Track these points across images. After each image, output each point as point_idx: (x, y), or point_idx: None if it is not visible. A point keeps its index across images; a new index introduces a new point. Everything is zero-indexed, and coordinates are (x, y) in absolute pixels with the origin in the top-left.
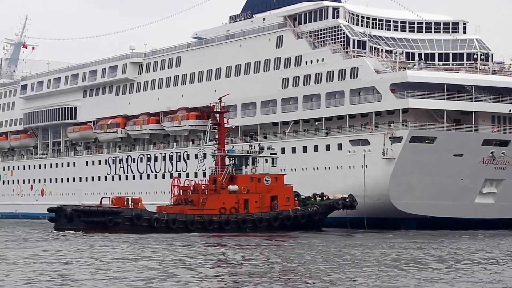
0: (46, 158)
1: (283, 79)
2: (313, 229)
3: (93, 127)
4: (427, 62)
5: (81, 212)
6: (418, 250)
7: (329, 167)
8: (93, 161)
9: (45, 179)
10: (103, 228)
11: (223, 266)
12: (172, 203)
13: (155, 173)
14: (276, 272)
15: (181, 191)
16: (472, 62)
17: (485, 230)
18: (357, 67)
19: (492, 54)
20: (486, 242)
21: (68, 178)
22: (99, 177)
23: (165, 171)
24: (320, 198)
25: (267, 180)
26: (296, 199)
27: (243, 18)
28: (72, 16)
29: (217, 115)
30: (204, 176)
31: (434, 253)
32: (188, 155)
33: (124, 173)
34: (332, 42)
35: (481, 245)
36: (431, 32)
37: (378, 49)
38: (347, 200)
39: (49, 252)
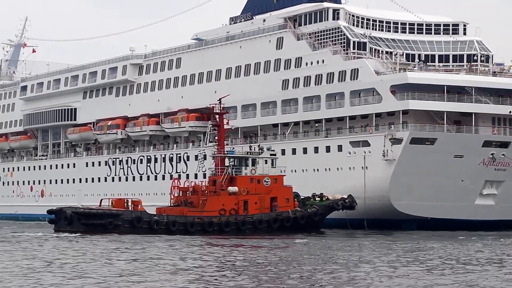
0: (46, 159)
1: (283, 80)
2: (313, 230)
3: (93, 128)
4: (427, 63)
5: (81, 214)
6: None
7: (329, 169)
8: (93, 163)
9: (45, 181)
10: (103, 231)
11: (226, 268)
12: (171, 205)
13: (155, 174)
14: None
15: (180, 192)
16: (472, 63)
17: (485, 231)
18: (357, 69)
19: (492, 56)
20: None
21: (68, 180)
22: (99, 178)
23: (165, 172)
24: (319, 199)
25: (267, 181)
26: (295, 199)
27: (243, 20)
28: (72, 17)
29: (217, 116)
30: (204, 177)
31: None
32: (188, 156)
33: (124, 175)
34: (332, 44)
35: None
36: (431, 33)
37: (378, 50)
38: (346, 200)
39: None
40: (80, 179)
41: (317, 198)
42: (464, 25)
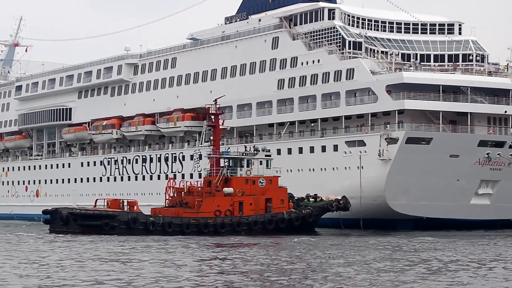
0: (41, 159)
1: (278, 80)
2: (307, 231)
3: (88, 128)
4: (422, 63)
5: (77, 215)
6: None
7: (325, 168)
8: (88, 162)
9: (40, 180)
10: (99, 232)
11: (226, 269)
12: (166, 205)
13: (150, 174)
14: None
15: (175, 192)
16: (468, 63)
17: (480, 231)
18: (353, 68)
19: (487, 55)
20: None
21: (63, 179)
22: (94, 178)
23: (160, 172)
24: (313, 200)
25: (262, 182)
26: (290, 200)
27: (238, 19)
28: (68, 17)
29: (213, 117)
30: (200, 177)
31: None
32: (183, 156)
33: (119, 174)
34: (328, 43)
35: None
36: (426, 33)
37: (374, 50)
38: (340, 202)
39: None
40: (75, 179)
41: (311, 199)
42: (460, 25)
